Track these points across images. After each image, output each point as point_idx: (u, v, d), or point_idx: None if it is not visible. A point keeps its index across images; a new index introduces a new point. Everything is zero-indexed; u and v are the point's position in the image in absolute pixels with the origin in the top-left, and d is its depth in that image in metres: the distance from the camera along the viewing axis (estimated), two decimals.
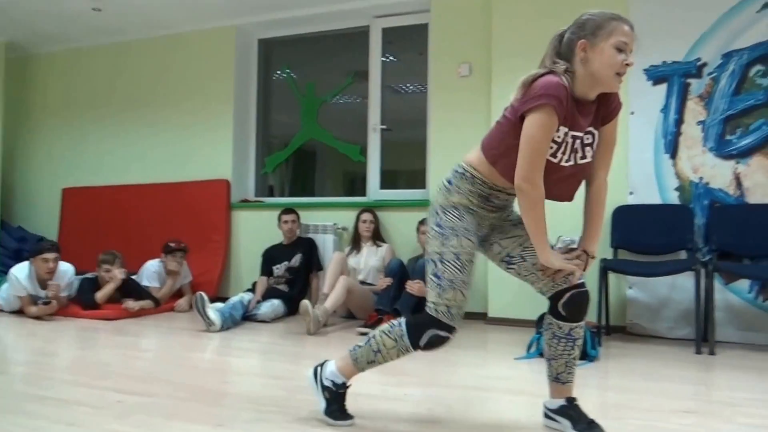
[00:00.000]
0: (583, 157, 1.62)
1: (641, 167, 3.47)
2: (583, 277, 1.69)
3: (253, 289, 4.07)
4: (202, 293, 3.43)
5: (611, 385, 2.37)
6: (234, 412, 1.90)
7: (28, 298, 3.70)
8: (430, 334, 1.64)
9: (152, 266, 4.17)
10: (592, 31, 1.55)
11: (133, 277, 4.09)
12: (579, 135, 1.60)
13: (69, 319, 3.68)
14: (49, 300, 3.65)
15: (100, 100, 5.31)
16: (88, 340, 3.13)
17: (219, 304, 3.58)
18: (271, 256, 4.18)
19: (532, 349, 2.80)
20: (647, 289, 3.40)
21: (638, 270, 3.24)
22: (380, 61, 4.55)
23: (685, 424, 1.84)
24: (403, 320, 1.71)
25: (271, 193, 5.05)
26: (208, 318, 3.35)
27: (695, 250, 3.28)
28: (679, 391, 2.24)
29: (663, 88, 3.45)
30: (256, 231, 4.56)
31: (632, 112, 3.46)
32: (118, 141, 5.21)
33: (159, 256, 4.20)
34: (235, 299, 3.72)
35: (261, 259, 4.21)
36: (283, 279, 4.10)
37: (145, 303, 3.90)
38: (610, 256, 3.39)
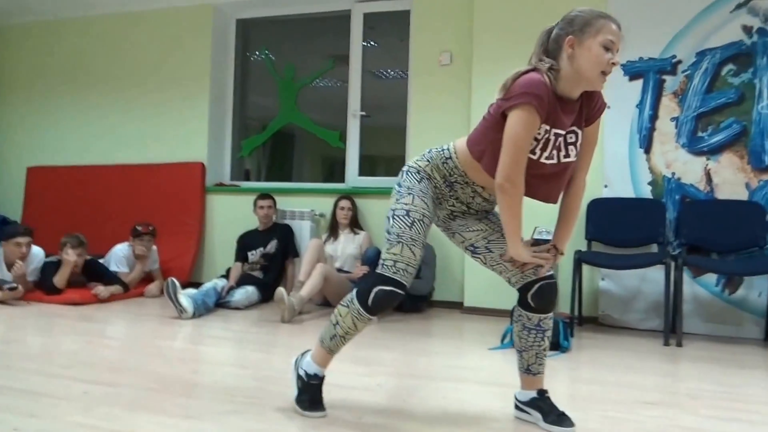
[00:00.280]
0: (567, 155, 1.63)
1: (616, 161, 3.51)
2: (552, 269, 1.71)
3: (227, 276, 4.02)
4: (174, 279, 3.36)
5: (581, 377, 2.42)
6: (205, 403, 1.87)
7: None
8: (376, 290, 1.64)
9: (120, 250, 4.07)
10: (581, 27, 1.55)
11: (101, 261, 3.99)
12: (561, 133, 1.60)
13: (34, 304, 3.58)
14: (15, 286, 3.54)
15: (68, 76, 5.12)
16: (54, 327, 3.04)
17: (191, 291, 3.51)
18: (246, 242, 4.12)
19: (506, 340, 2.84)
20: (619, 281, 3.47)
21: (611, 262, 3.30)
22: (361, 45, 4.49)
23: (651, 416, 1.88)
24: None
25: (248, 178, 4.97)
26: (180, 305, 3.30)
27: (666, 244, 3.36)
28: (646, 382, 2.29)
29: (639, 83, 3.48)
30: (231, 216, 4.49)
31: (609, 107, 3.47)
32: (87, 119, 5.04)
33: (128, 240, 4.11)
34: (208, 285, 3.66)
35: (236, 244, 4.16)
36: (258, 265, 4.05)
37: (115, 288, 3.82)
38: (584, 248, 3.44)
